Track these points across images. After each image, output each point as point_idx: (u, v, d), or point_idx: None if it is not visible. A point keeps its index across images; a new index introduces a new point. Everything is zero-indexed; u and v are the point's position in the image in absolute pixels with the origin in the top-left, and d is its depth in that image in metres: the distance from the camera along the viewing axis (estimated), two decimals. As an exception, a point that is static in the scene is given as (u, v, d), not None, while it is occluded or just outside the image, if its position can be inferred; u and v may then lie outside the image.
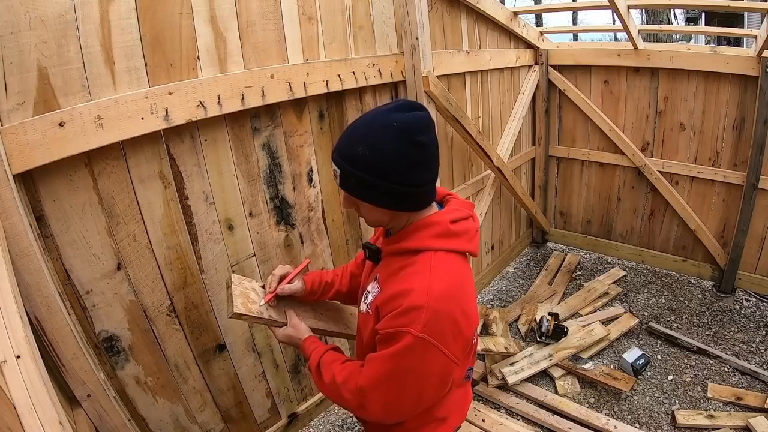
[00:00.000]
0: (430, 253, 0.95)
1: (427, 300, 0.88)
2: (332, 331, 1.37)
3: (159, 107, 1.37)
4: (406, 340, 0.88)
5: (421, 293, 0.89)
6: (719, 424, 2.18)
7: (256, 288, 1.27)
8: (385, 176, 0.89)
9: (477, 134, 2.64)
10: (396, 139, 0.87)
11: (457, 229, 0.99)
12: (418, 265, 0.95)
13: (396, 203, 0.94)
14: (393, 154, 0.88)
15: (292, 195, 1.94)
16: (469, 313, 0.96)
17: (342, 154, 0.93)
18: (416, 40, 2.13)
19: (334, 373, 1.05)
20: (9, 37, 1.10)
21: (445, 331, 0.90)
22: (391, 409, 0.97)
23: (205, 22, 1.48)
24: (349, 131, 0.95)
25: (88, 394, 1.30)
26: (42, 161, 1.17)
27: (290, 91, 1.74)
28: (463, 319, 0.93)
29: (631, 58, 3.21)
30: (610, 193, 3.73)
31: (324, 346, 1.16)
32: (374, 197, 0.94)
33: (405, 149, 0.88)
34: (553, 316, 2.81)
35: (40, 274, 1.16)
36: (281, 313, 1.25)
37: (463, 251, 1.01)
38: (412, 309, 0.89)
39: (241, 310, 1.14)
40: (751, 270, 3.15)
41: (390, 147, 0.88)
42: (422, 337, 0.88)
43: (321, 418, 2.39)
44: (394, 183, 0.90)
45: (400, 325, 0.90)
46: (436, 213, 1.01)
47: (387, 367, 0.93)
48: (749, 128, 2.88)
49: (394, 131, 0.88)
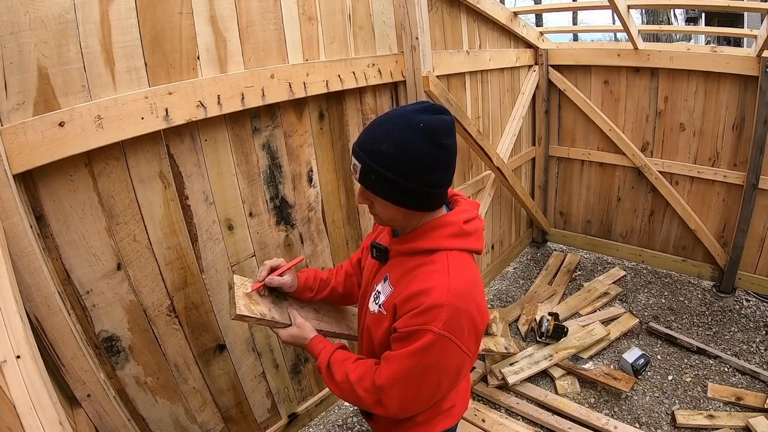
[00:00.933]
0: (445, 252, 0.98)
1: (448, 298, 0.91)
2: (335, 332, 1.37)
3: (159, 107, 1.37)
4: (428, 337, 0.91)
5: (442, 292, 0.92)
6: (719, 424, 2.18)
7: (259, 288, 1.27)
8: (406, 175, 0.91)
9: (477, 134, 2.64)
10: (422, 139, 0.89)
11: (470, 228, 1.02)
12: (436, 264, 0.97)
13: (413, 202, 0.96)
14: (417, 154, 0.90)
15: (292, 195, 1.94)
16: (483, 308, 0.99)
17: (365, 149, 0.94)
18: (416, 40, 2.13)
19: (347, 371, 1.06)
20: (9, 37, 1.10)
21: (464, 328, 0.93)
22: (407, 404, 1.00)
23: (205, 22, 1.48)
24: (372, 128, 0.96)
25: (88, 394, 1.30)
26: (42, 161, 1.17)
27: (290, 91, 1.74)
28: (478, 315, 0.96)
29: (631, 58, 3.21)
30: (610, 193, 3.73)
31: (332, 345, 1.16)
32: (392, 195, 0.95)
33: (429, 150, 0.90)
34: (553, 316, 2.81)
35: (40, 274, 1.16)
36: (284, 314, 1.24)
37: (474, 250, 1.04)
38: (433, 307, 0.91)
39: (244, 311, 1.13)
40: (751, 270, 3.15)
41: (415, 147, 0.89)
42: (443, 334, 0.90)
43: (321, 418, 2.39)
44: (415, 182, 0.92)
45: (421, 323, 0.92)
46: (449, 213, 1.03)
47: (407, 365, 0.95)
48: (749, 128, 2.88)
49: (420, 131, 0.90)
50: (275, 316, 1.20)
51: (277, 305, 1.25)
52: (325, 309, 1.43)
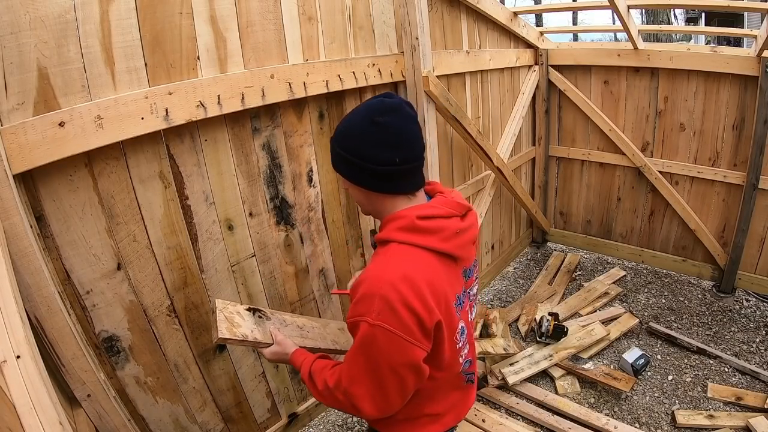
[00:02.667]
0: (397, 244, 0.98)
1: (379, 287, 0.90)
2: (320, 348, 1.38)
3: (159, 107, 1.37)
4: (364, 329, 0.91)
5: (374, 281, 0.92)
6: (719, 424, 2.18)
7: (241, 311, 1.29)
8: (349, 150, 0.99)
9: (477, 134, 2.64)
10: (360, 117, 0.99)
11: (426, 225, 0.97)
12: (380, 255, 0.99)
13: (365, 181, 1.01)
14: (358, 131, 0.99)
15: (292, 195, 1.94)
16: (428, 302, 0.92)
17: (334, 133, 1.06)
18: (416, 40, 2.13)
19: (325, 378, 1.06)
20: (9, 37, 1.10)
21: (401, 317, 0.89)
22: (379, 403, 0.98)
23: (205, 22, 1.48)
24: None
25: (88, 394, 1.30)
26: (42, 161, 1.17)
27: (290, 91, 1.74)
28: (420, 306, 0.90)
29: (631, 58, 3.21)
30: (610, 193, 3.73)
31: (312, 356, 1.18)
32: (345, 171, 1.04)
33: (366, 127, 0.97)
34: (553, 316, 2.81)
35: (40, 274, 1.16)
36: (267, 335, 1.26)
37: (435, 249, 0.98)
38: (365, 297, 0.92)
39: (226, 334, 1.15)
40: (751, 270, 3.15)
41: (356, 124, 0.99)
42: (378, 324, 0.89)
43: (321, 418, 2.39)
44: (358, 158, 0.98)
45: (357, 315, 0.93)
46: (408, 207, 1.02)
47: (358, 360, 0.96)
48: (749, 128, 2.88)
49: (361, 110, 1.00)
50: (257, 336, 1.23)
51: (259, 326, 1.27)
52: (309, 326, 1.45)
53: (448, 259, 1.02)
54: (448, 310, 0.99)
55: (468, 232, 1.05)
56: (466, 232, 1.04)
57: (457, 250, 1.02)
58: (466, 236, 1.04)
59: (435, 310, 0.93)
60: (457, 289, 1.06)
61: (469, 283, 1.14)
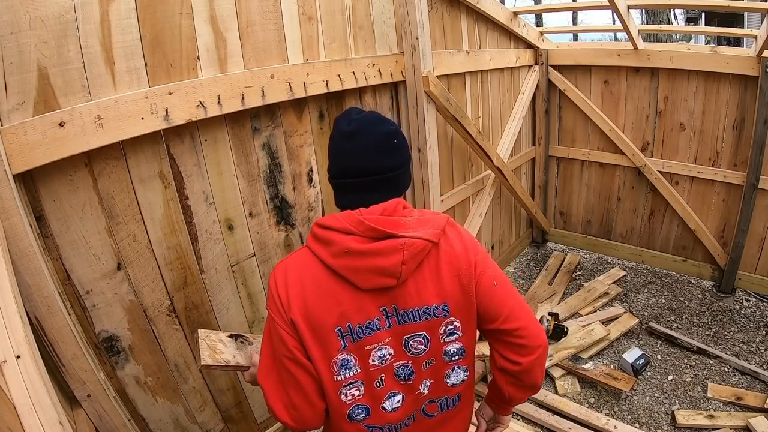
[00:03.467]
0: (302, 246, 1.02)
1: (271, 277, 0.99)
2: None
3: (159, 107, 1.37)
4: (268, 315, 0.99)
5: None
6: (719, 424, 2.18)
7: (223, 338, 1.32)
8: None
9: (477, 134, 2.64)
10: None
11: (320, 234, 0.93)
12: None
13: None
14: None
15: (292, 195, 1.94)
16: (288, 294, 0.92)
17: None
18: (416, 40, 2.13)
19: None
20: (9, 37, 1.10)
21: (273, 298, 0.96)
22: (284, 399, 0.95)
23: (205, 22, 1.48)
24: None
25: (88, 394, 1.30)
26: (42, 161, 1.16)
27: (290, 91, 1.74)
28: (282, 292, 0.94)
29: (631, 58, 3.21)
30: (610, 193, 3.73)
31: None
32: None
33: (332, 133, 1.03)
34: (553, 316, 2.81)
35: (40, 274, 1.16)
36: (248, 358, 1.28)
37: (324, 262, 0.91)
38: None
39: (209, 361, 1.19)
40: (751, 270, 3.15)
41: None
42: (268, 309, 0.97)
43: (321, 418, 2.39)
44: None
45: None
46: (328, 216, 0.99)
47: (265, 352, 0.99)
48: (749, 128, 2.88)
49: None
50: (239, 361, 1.25)
51: (241, 350, 1.30)
52: None
53: (343, 280, 0.90)
54: (321, 328, 0.91)
55: (371, 260, 0.87)
56: (366, 257, 0.87)
57: (347, 272, 0.89)
58: (367, 262, 0.87)
59: (292, 308, 0.91)
60: (355, 318, 0.91)
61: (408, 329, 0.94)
